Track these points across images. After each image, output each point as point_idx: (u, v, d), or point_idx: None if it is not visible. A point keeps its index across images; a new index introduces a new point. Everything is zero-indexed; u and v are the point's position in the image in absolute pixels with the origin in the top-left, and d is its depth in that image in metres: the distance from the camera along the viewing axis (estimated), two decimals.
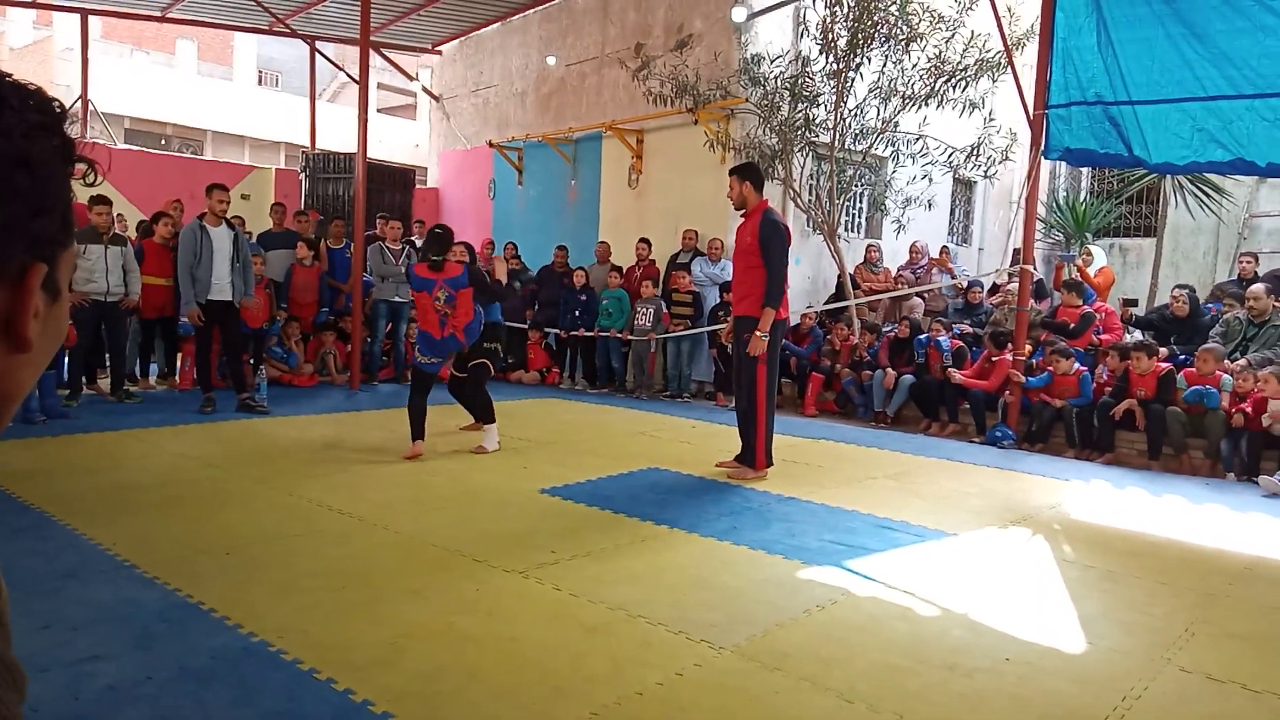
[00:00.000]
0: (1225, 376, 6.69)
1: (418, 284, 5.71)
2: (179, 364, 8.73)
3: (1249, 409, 6.38)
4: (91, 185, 0.69)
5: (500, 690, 2.54)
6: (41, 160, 0.60)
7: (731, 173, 5.66)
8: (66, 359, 7.43)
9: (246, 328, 8.07)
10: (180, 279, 7.03)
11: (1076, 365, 7.41)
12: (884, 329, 9.14)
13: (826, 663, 2.83)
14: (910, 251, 10.59)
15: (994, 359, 7.79)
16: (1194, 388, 6.65)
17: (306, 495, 4.66)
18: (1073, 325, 8.14)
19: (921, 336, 8.49)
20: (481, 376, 6.11)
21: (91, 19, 13.22)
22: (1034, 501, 5.36)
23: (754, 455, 5.55)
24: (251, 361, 8.25)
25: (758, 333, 5.35)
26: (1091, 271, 9.48)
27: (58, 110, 0.63)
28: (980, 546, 4.31)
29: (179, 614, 3.00)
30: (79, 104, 12.76)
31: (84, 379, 7.56)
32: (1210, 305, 8.33)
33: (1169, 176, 10.40)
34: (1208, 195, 10.63)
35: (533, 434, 6.32)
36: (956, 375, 7.87)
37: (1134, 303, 8.92)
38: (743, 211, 5.61)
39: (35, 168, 0.59)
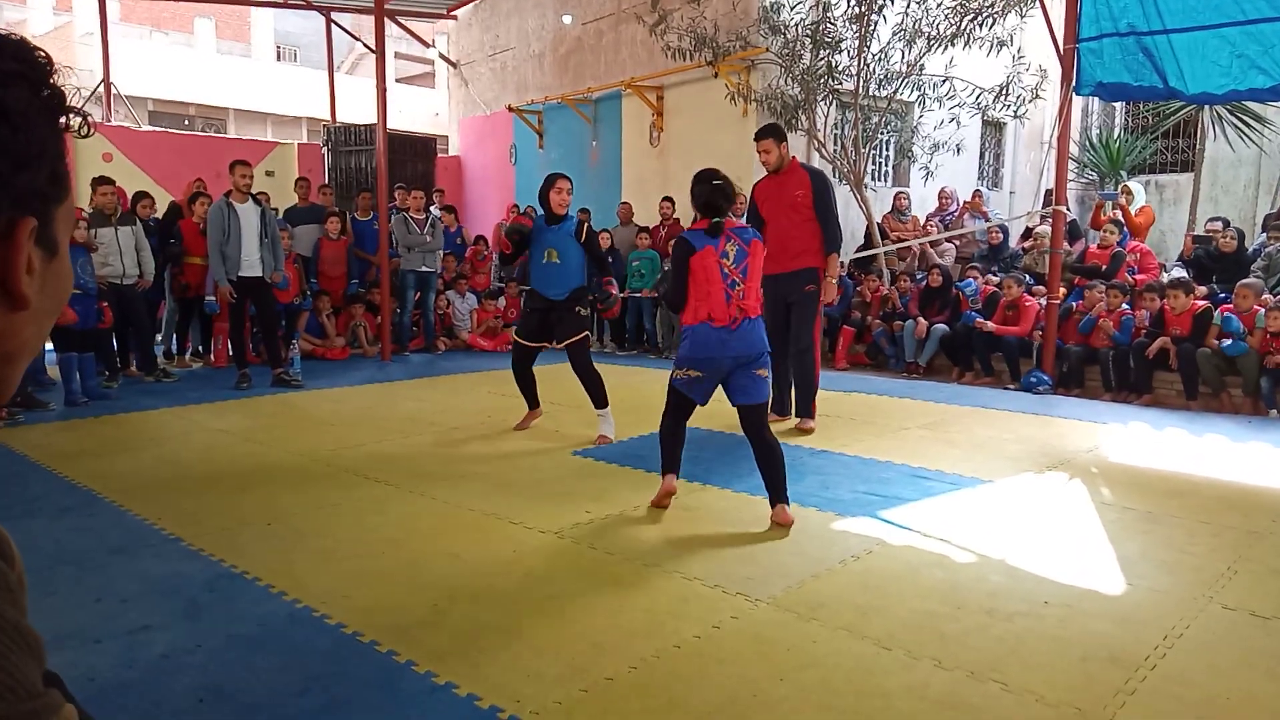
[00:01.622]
0: (1261, 312, 6.53)
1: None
2: (213, 342, 8.86)
3: None
4: (85, 137, 0.67)
5: (540, 647, 2.58)
6: (19, 110, 0.58)
7: (766, 136, 5.52)
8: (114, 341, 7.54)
9: (278, 303, 8.15)
10: (210, 256, 7.10)
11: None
12: (916, 278, 9.02)
13: (863, 611, 2.83)
14: (939, 198, 10.38)
15: (1019, 304, 7.68)
16: (1230, 318, 6.49)
17: (343, 465, 4.74)
18: (1104, 267, 7.98)
19: (957, 283, 8.39)
20: (584, 351, 5.31)
21: (110, 2, 13.25)
22: (1071, 446, 5.30)
23: (813, 404, 5.67)
24: (283, 336, 8.35)
25: (830, 279, 5.52)
26: (1132, 210, 9.25)
27: (41, 60, 0.61)
28: (1017, 492, 4.27)
29: (225, 584, 3.07)
30: (102, 88, 12.85)
31: (118, 362, 7.66)
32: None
33: (1207, 108, 10.07)
34: (1248, 125, 10.30)
35: (563, 398, 6.35)
36: (988, 325, 7.76)
37: (1205, 239, 8.35)
38: (776, 171, 5.55)
39: (13, 118, 0.58)
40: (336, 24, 14.29)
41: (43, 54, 0.62)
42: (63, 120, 0.63)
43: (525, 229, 5.39)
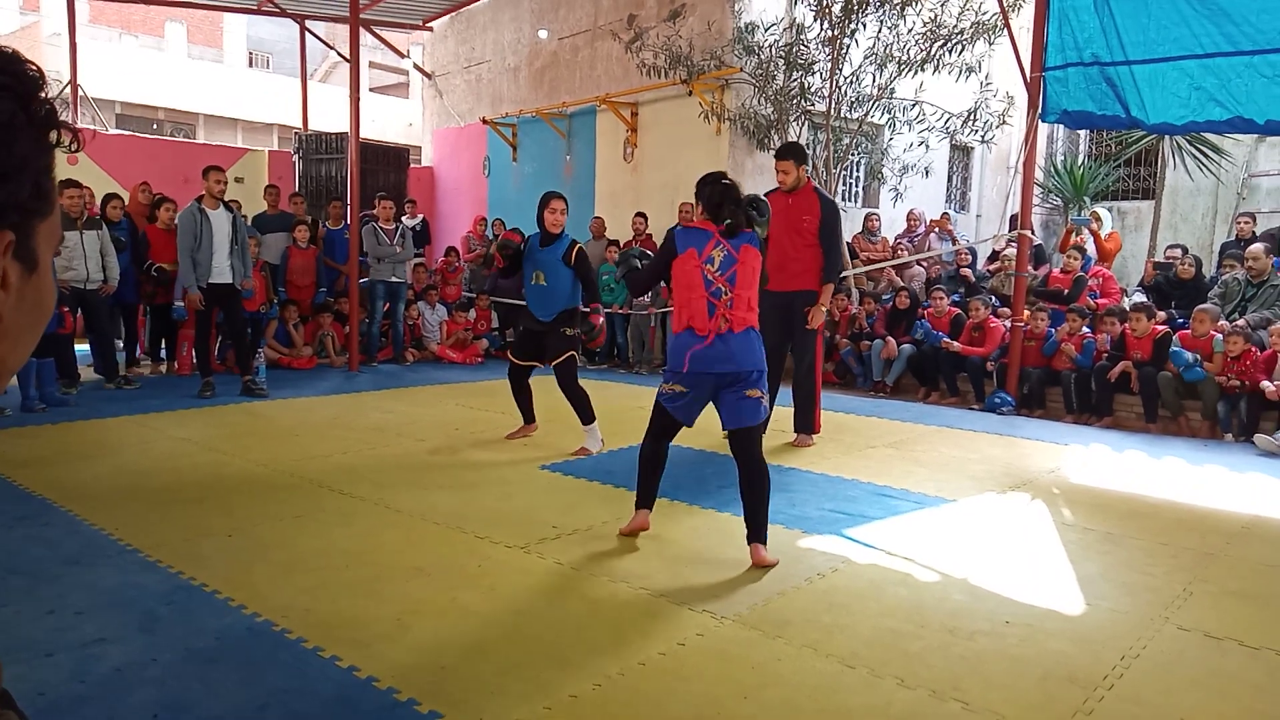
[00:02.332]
0: (1218, 337, 6.69)
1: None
2: (178, 349, 8.72)
3: (1243, 370, 6.37)
4: (74, 152, 0.66)
5: (505, 664, 2.56)
6: (2, 124, 0.58)
7: (787, 156, 5.58)
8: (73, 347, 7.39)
9: (245, 311, 8.05)
10: (180, 262, 6.98)
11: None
12: (883, 298, 9.12)
13: (828, 629, 2.85)
14: (907, 219, 10.53)
15: (984, 326, 7.81)
16: (1178, 352, 6.62)
17: (307, 476, 4.68)
18: (1066, 291, 8.12)
19: (924, 302, 8.51)
20: (569, 371, 5.37)
21: (78, 3, 13.08)
22: (1033, 466, 5.38)
23: (814, 420, 5.81)
24: (250, 345, 8.24)
25: (820, 306, 5.63)
26: (1102, 235, 9.44)
27: (28, 73, 0.61)
28: (980, 512, 4.32)
29: (183, 596, 3.02)
30: (69, 90, 12.66)
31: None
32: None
33: (1167, 137, 10.33)
34: (1206, 156, 10.57)
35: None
36: (955, 345, 7.87)
37: (1166, 266, 8.55)
38: (791, 191, 5.60)
39: None
40: (310, 32, 14.23)
41: (33, 67, 0.61)
42: (52, 134, 0.62)
43: (515, 245, 5.38)
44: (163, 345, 8.82)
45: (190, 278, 6.89)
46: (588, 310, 5.60)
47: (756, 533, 3.52)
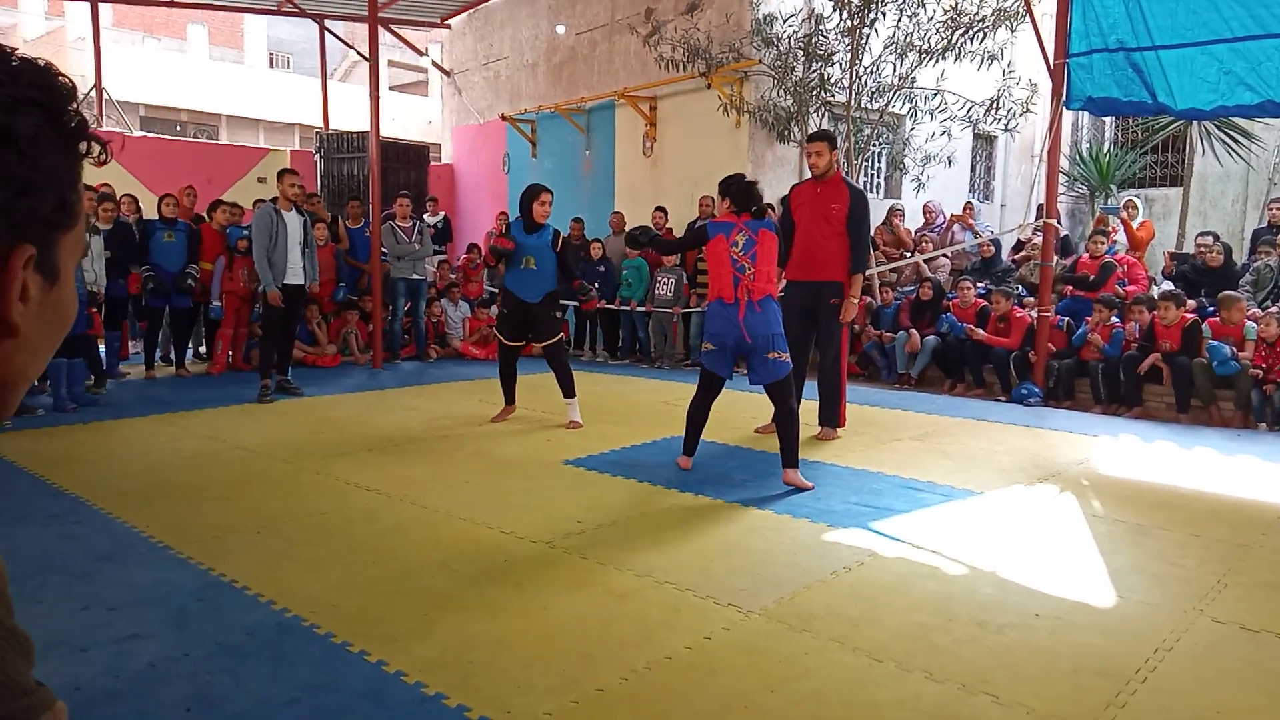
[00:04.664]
0: (1250, 324, 6.57)
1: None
2: (214, 348, 8.84)
3: (1277, 358, 6.26)
4: (102, 164, 0.66)
5: (531, 658, 2.56)
6: (29, 137, 0.58)
7: (820, 139, 5.60)
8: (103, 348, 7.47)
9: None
10: (257, 263, 7.02)
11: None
12: (906, 289, 9.05)
13: (855, 623, 2.83)
14: (924, 212, 10.34)
15: (1010, 317, 7.72)
16: (1217, 347, 6.51)
17: (334, 473, 4.71)
18: (1093, 277, 8.02)
19: (949, 294, 8.44)
20: (559, 350, 6.01)
21: (102, 7, 13.23)
22: (1062, 458, 5.32)
23: (839, 413, 5.83)
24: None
25: (851, 298, 5.61)
26: (1134, 224, 9.31)
27: (60, 86, 0.60)
28: (1008, 504, 4.28)
29: (213, 593, 3.05)
30: (94, 93, 12.82)
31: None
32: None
33: (1195, 123, 10.16)
34: (1236, 141, 10.39)
35: (555, 407, 6.34)
36: (979, 333, 7.80)
37: (1183, 256, 8.58)
38: (820, 177, 5.60)
39: (20, 145, 0.57)
40: (330, 32, 14.31)
41: (66, 80, 0.61)
42: (82, 147, 0.62)
43: (508, 250, 5.89)
44: (177, 346, 8.87)
45: (268, 276, 6.94)
46: (572, 287, 6.32)
47: (789, 459, 4.41)
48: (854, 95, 9.21)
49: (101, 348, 7.54)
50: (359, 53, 13.60)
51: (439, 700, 2.32)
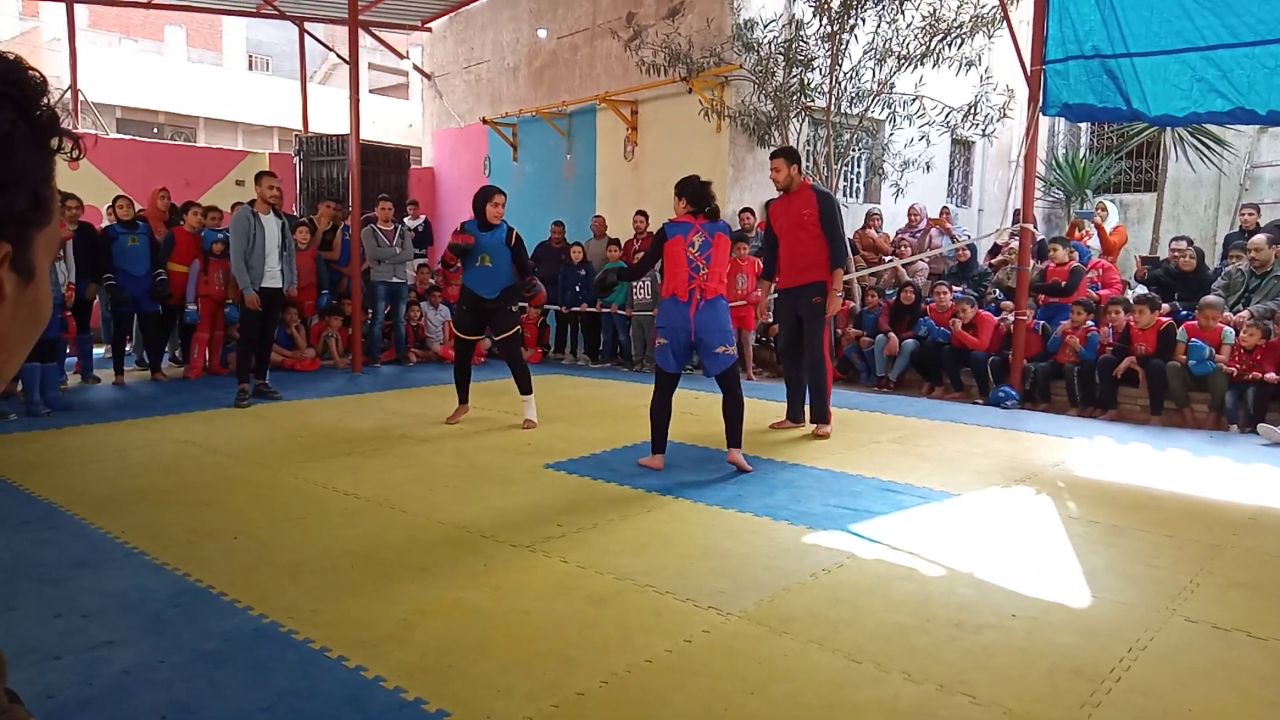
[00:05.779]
0: (1226, 329, 6.67)
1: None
2: (190, 352, 8.74)
3: (1253, 362, 6.35)
4: (76, 160, 0.65)
5: (511, 663, 2.56)
6: (2, 134, 0.57)
7: (779, 155, 5.91)
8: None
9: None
10: (234, 266, 6.93)
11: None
12: (886, 293, 9.11)
13: (834, 624, 2.84)
14: (908, 215, 10.51)
15: (976, 321, 7.84)
16: (1198, 345, 6.61)
17: (312, 478, 4.68)
18: (1064, 283, 8.10)
19: (927, 298, 8.50)
20: (515, 345, 6.14)
21: (78, 7, 13.10)
22: (1038, 460, 5.37)
23: (827, 409, 5.93)
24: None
25: (835, 292, 5.85)
26: (1107, 228, 9.42)
27: (30, 80, 0.60)
28: (985, 506, 4.32)
29: (189, 598, 3.02)
30: (69, 94, 12.67)
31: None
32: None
33: (1169, 129, 10.30)
34: (1208, 147, 10.54)
35: (536, 410, 6.33)
36: (958, 324, 7.86)
37: (1154, 260, 8.79)
38: (785, 190, 5.89)
39: None
40: (310, 34, 14.23)
41: (36, 75, 0.60)
42: (54, 142, 0.62)
43: (468, 246, 6.00)
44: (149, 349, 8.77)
45: (245, 280, 6.87)
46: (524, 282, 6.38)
47: (733, 440, 4.82)
48: (834, 100, 9.28)
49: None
50: (339, 55, 13.51)
51: (418, 705, 2.31)
